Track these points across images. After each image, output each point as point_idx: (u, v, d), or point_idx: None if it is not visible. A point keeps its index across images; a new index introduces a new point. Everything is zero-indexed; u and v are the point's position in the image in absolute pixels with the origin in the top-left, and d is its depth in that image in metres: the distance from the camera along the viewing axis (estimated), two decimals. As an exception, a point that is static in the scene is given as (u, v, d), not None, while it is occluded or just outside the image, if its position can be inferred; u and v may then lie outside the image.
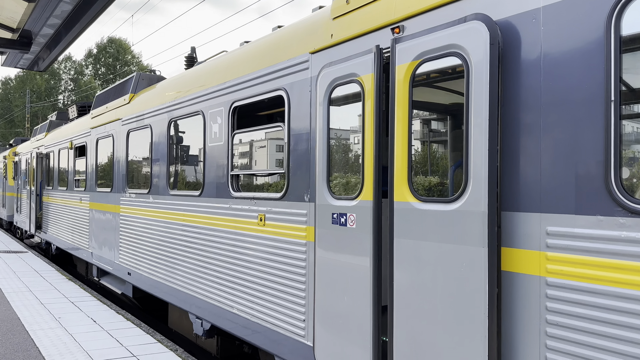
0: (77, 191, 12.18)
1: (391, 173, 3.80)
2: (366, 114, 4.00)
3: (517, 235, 3.05)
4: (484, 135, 3.15)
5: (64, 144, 13.59)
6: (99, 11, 5.85)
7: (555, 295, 2.85)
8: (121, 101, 9.68)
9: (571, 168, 2.81)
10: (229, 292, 5.91)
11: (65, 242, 13.17)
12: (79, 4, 6.11)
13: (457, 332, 3.31)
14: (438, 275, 3.43)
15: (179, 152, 7.62)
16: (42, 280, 11.39)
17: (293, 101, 5.02)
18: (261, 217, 5.43)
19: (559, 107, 2.88)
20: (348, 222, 4.13)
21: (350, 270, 4.08)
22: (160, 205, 7.73)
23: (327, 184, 4.39)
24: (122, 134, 9.36)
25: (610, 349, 2.62)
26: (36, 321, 7.92)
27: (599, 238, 2.67)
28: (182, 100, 7.14)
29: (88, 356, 6.32)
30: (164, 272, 7.50)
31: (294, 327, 4.88)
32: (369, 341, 3.88)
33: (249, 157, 6.61)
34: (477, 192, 3.19)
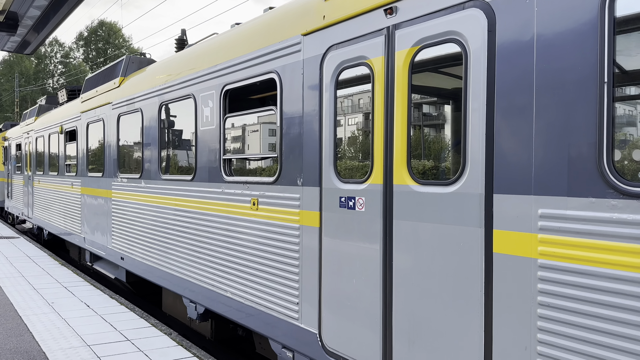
0: (68, 176, 12.09)
1: (390, 156, 3.82)
2: (376, 97, 3.98)
3: (510, 218, 3.06)
4: (481, 120, 3.20)
5: (54, 129, 13.44)
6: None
7: (546, 276, 2.88)
8: (111, 85, 9.57)
9: (564, 150, 2.81)
10: (222, 276, 5.92)
11: (58, 228, 13.11)
12: (66, -15, 6.00)
13: (453, 310, 3.37)
14: (436, 255, 3.48)
15: (171, 136, 7.56)
16: (35, 266, 11.35)
17: (285, 84, 4.97)
18: (254, 201, 5.42)
19: (552, 89, 2.88)
20: (357, 205, 4.13)
21: (358, 254, 4.09)
22: (152, 190, 7.69)
23: (334, 168, 4.38)
24: (113, 118, 9.27)
25: (600, 329, 2.65)
26: (29, 306, 7.91)
27: (591, 220, 2.69)
28: (173, 83, 7.06)
29: (82, 340, 6.33)
30: (157, 257, 7.49)
31: (287, 309, 4.90)
32: (378, 324, 3.92)
33: (242, 141, 6.57)
34: (474, 175, 3.24)
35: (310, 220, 4.65)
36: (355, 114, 4.37)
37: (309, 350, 4.63)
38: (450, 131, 4.18)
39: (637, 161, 2.71)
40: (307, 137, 4.68)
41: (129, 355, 5.85)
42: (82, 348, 6.06)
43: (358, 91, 4.30)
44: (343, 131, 4.45)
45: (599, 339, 2.66)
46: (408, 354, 3.69)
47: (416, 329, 3.63)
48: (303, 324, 4.71)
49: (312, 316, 4.60)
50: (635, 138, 2.82)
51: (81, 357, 5.77)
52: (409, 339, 3.68)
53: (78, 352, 5.93)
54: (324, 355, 4.44)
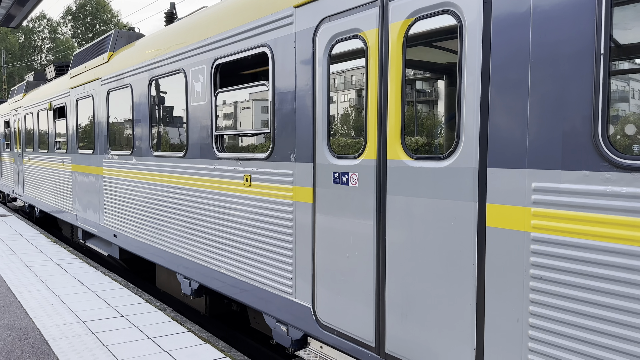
0: (58, 153, 11.96)
1: (384, 131, 3.80)
2: (369, 70, 3.93)
3: (503, 192, 3.06)
4: (476, 94, 3.17)
5: (42, 105, 13.24)
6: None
7: (539, 250, 2.89)
8: (100, 60, 9.39)
9: (559, 124, 2.80)
10: (216, 252, 5.93)
11: (49, 205, 13.03)
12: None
13: (446, 283, 3.40)
14: (429, 230, 3.49)
15: (161, 112, 7.46)
16: (27, 243, 11.31)
17: (277, 58, 4.90)
18: (247, 177, 5.39)
19: (548, 62, 2.85)
20: (350, 181, 4.12)
21: (352, 229, 4.10)
22: (143, 167, 7.63)
23: (327, 143, 4.35)
24: (102, 94, 9.13)
25: (592, 301, 2.68)
26: (22, 283, 7.91)
27: (584, 193, 2.69)
28: (163, 58, 6.94)
29: (76, 317, 6.35)
30: (151, 234, 7.48)
31: (281, 285, 4.93)
32: (371, 297, 3.94)
33: (234, 117, 6.50)
34: (469, 149, 3.23)
35: (303, 196, 4.64)
36: (348, 89, 4.32)
37: (303, 324, 4.67)
38: (444, 106, 4.16)
39: (631, 134, 2.70)
40: (300, 112, 4.63)
41: (123, 331, 5.88)
42: (76, 324, 6.08)
43: (351, 65, 4.24)
44: (336, 106, 4.41)
45: (591, 310, 2.69)
46: (401, 326, 3.73)
47: (409, 303, 3.66)
48: (297, 298, 4.74)
49: (306, 291, 4.63)
50: (630, 111, 2.81)
51: (75, 333, 5.79)
52: (402, 312, 3.71)
53: (72, 328, 5.95)
54: (318, 328, 4.48)
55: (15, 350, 5.24)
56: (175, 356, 5.18)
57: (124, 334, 5.80)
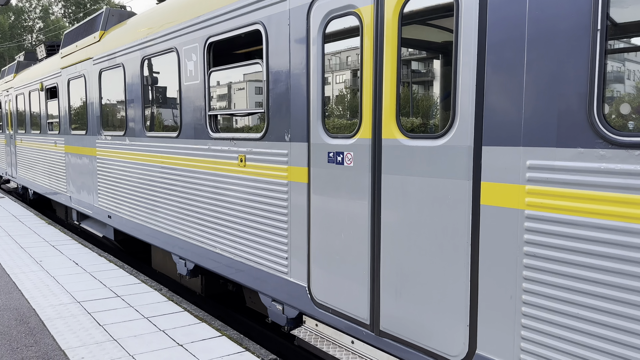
0: (51, 134, 11.85)
1: (379, 110, 3.77)
2: (364, 49, 3.88)
3: (498, 170, 3.06)
4: (471, 72, 3.15)
5: (34, 86, 13.08)
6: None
7: (533, 227, 2.90)
8: (91, 39, 9.25)
9: (554, 101, 2.78)
10: (211, 233, 5.93)
11: (43, 187, 12.96)
12: None
13: (440, 261, 3.42)
14: (424, 208, 3.50)
15: (154, 91, 7.38)
16: (21, 225, 11.28)
17: (271, 36, 4.83)
18: (241, 157, 5.36)
19: (544, 39, 2.82)
20: (345, 160, 4.11)
21: (347, 209, 4.10)
22: (137, 148, 7.58)
23: (322, 123, 4.32)
24: (94, 74, 9.01)
25: (586, 277, 2.70)
26: (17, 265, 7.90)
27: (579, 170, 2.69)
28: (155, 36, 6.84)
29: (71, 297, 6.37)
30: (145, 215, 7.46)
31: (277, 264, 4.94)
32: (366, 276, 3.96)
33: (228, 97, 6.44)
34: (464, 128, 3.22)
35: (298, 176, 4.63)
36: (343, 67, 4.28)
37: (298, 303, 4.70)
38: (440, 85, 4.12)
39: (626, 113, 2.69)
40: (295, 91, 4.59)
41: (119, 311, 5.90)
42: (72, 304, 6.09)
43: (346, 43, 4.19)
44: (331, 85, 4.37)
45: (584, 287, 2.71)
46: (395, 304, 3.75)
47: (404, 281, 3.68)
48: (292, 277, 4.76)
49: (301, 270, 4.65)
50: (625, 90, 2.79)
51: (71, 313, 5.81)
52: (397, 290, 3.74)
53: (68, 308, 5.96)
54: (313, 307, 4.51)
55: (11, 331, 5.26)
56: (172, 335, 5.22)
57: (119, 313, 5.82)
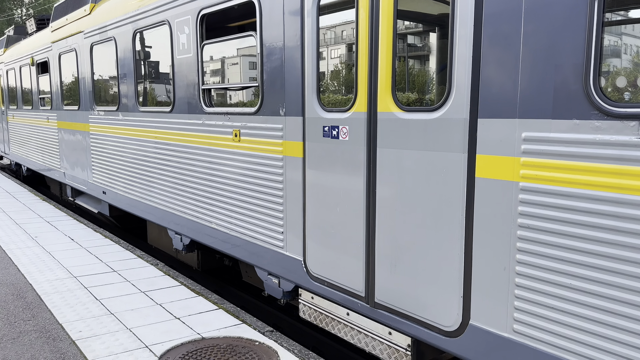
0: (43, 110, 11.73)
1: (375, 83, 3.74)
2: (360, 21, 3.82)
3: (493, 142, 3.05)
4: (468, 44, 3.12)
5: (24, 61, 12.87)
6: None
7: (527, 199, 2.92)
8: (82, 12, 9.07)
9: (550, 72, 2.76)
10: (207, 208, 5.93)
11: (36, 163, 12.88)
12: None
13: (434, 234, 3.44)
14: (419, 182, 3.50)
15: (147, 65, 7.28)
16: (15, 201, 11.25)
17: (265, 8, 4.75)
18: (236, 132, 5.33)
19: (541, 10, 2.78)
20: (340, 134, 4.09)
21: (342, 183, 4.09)
22: (130, 123, 7.51)
23: (317, 97, 4.28)
24: (86, 48, 8.87)
25: (579, 248, 2.72)
26: (12, 241, 7.91)
27: (574, 142, 2.69)
28: (147, 9, 6.71)
29: (68, 272, 6.39)
30: (140, 190, 7.45)
31: (273, 239, 4.96)
32: (361, 249, 3.98)
33: (222, 71, 6.36)
34: (459, 100, 3.20)
35: (293, 151, 4.61)
36: (339, 40, 4.22)
37: (294, 277, 4.74)
38: (436, 57, 4.08)
39: (622, 85, 2.68)
40: (289, 64, 4.54)
41: (116, 286, 5.94)
42: (68, 279, 6.12)
43: (342, 16, 4.12)
44: (326, 57, 4.32)
45: (578, 258, 2.74)
46: (390, 276, 3.79)
47: (398, 253, 3.71)
48: (288, 251, 4.78)
49: (296, 244, 4.67)
50: (622, 62, 2.77)
51: (68, 288, 5.84)
52: (391, 263, 3.77)
53: (65, 283, 5.99)
54: (309, 280, 4.55)
55: (8, 305, 5.29)
56: (169, 309, 5.27)
57: (116, 288, 5.86)
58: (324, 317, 4.55)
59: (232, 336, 4.66)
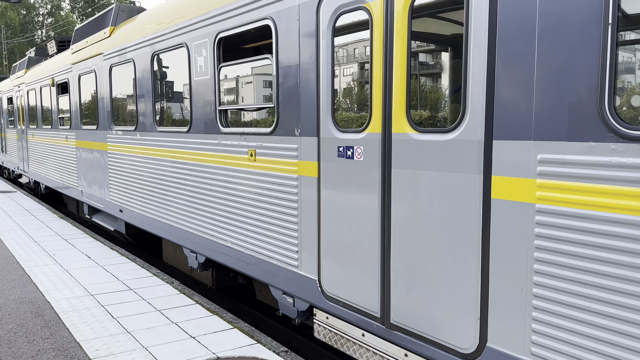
0: (62, 129, 11.97)
1: (389, 105, 3.79)
2: (374, 43, 3.89)
3: (509, 164, 3.07)
4: (482, 66, 3.15)
5: (45, 81, 13.19)
6: None
7: (544, 221, 2.91)
8: (101, 35, 9.31)
9: (565, 95, 2.78)
10: (222, 227, 5.98)
11: (54, 181, 13.10)
12: None
13: (451, 255, 3.44)
14: (434, 202, 3.52)
15: (165, 86, 7.43)
16: (34, 219, 11.43)
17: (281, 31, 4.85)
18: (251, 152, 5.40)
19: (555, 32, 2.81)
20: (355, 155, 4.13)
21: (357, 202, 4.12)
22: (148, 142, 7.64)
23: (332, 118, 4.34)
24: (105, 69, 9.08)
25: (596, 271, 2.71)
26: (31, 258, 8.02)
27: (590, 164, 2.70)
28: (165, 32, 6.88)
29: (85, 290, 6.46)
30: (156, 208, 7.54)
31: (287, 258, 4.99)
32: (376, 269, 3.99)
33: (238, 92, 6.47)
34: (474, 122, 3.23)
35: (308, 171, 4.66)
36: (353, 62, 4.29)
37: (309, 296, 4.75)
38: (450, 78, 4.12)
39: (637, 105, 2.69)
40: (304, 86, 4.61)
41: (132, 304, 5.98)
42: (85, 297, 6.19)
43: (356, 37, 4.20)
44: (341, 79, 4.38)
45: (595, 280, 2.72)
46: (406, 297, 3.78)
47: (414, 274, 3.71)
48: (303, 271, 4.80)
49: (311, 263, 4.68)
50: (636, 82, 2.78)
51: (85, 306, 5.90)
52: (407, 283, 3.77)
53: (82, 301, 6.06)
54: (324, 300, 4.56)
55: (27, 323, 5.36)
56: (184, 328, 5.29)
57: (132, 306, 5.91)
58: (338, 338, 4.53)
59: (247, 356, 4.66)
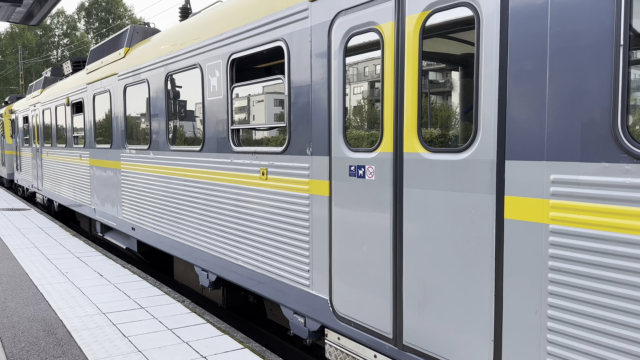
0: (76, 148, 12.14)
1: (401, 124, 3.81)
2: (386, 64, 3.94)
3: (521, 184, 3.06)
4: (493, 86, 3.17)
5: (60, 101, 13.43)
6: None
7: (558, 242, 2.89)
8: (116, 55, 9.49)
9: (577, 115, 2.79)
10: (233, 245, 6.00)
11: (67, 199, 13.24)
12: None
13: (464, 275, 3.42)
14: (446, 222, 3.51)
15: (178, 106, 7.54)
16: (47, 237, 11.53)
17: (293, 52, 4.92)
18: (263, 171, 5.43)
19: (566, 53, 2.83)
20: (367, 174, 4.15)
21: (369, 222, 4.12)
22: (161, 161, 7.73)
23: (343, 137, 4.38)
24: (119, 89, 9.24)
25: (611, 292, 2.68)
26: (44, 276, 8.08)
27: (604, 185, 2.68)
28: (179, 53, 7.00)
29: (97, 308, 6.48)
30: (168, 227, 7.58)
31: (298, 277, 4.98)
32: (388, 289, 3.97)
33: (250, 111, 6.55)
34: (486, 142, 3.23)
35: (320, 190, 4.67)
36: (364, 82, 4.33)
37: (320, 316, 4.72)
38: (461, 98, 4.15)
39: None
40: (316, 105, 4.66)
41: (143, 323, 5.99)
42: (97, 316, 6.21)
43: (367, 58, 4.25)
44: (352, 99, 4.42)
45: (610, 302, 2.69)
46: (418, 318, 3.75)
47: (427, 295, 3.68)
48: (314, 290, 4.79)
49: (322, 283, 4.67)
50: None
51: (97, 324, 5.91)
52: (419, 304, 3.74)
53: (94, 319, 6.08)
54: (335, 320, 4.53)
55: (39, 341, 5.38)
56: (195, 347, 5.28)
57: (144, 325, 5.91)
58: (350, 359, 4.49)
59: (258, 376, 4.62)
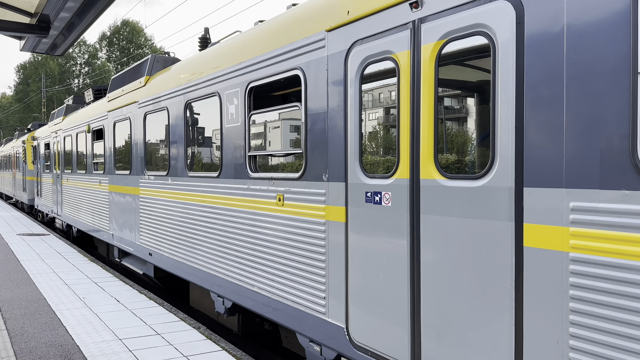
0: (96, 174, 12.35)
1: (417, 151, 3.83)
2: (402, 91, 3.99)
3: (540, 211, 3.04)
4: (510, 112, 3.18)
5: (81, 128, 13.74)
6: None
7: (579, 270, 2.85)
8: (137, 84, 9.73)
9: (595, 142, 2.78)
10: (249, 271, 6.00)
11: (86, 225, 13.41)
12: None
13: (483, 304, 3.37)
14: (464, 250, 3.48)
15: (196, 133, 7.66)
16: (65, 262, 11.65)
17: (310, 81, 5.00)
18: (280, 197, 5.47)
19: (583, 80, 2.84)
20: (383, 200, 4.15)
21: (385, 249, 4.11)
22: (179, 187, 7.82)
23: (359, 163, 4.40)
24: (139, 117, 9.43)
25: (634, 322, 2.62)
26: (62, 301, 8.14)
27: (624, 212, 2.65)
28: (198, 81, 7.16)
29: (113, 334, 6.49)
30: (185, 252, 7.62)
31: (314, 304, 4.95)
32: (406, 318, 3.93)
33: (266, 137, 6.63)
34: (504, 168, 3.23)
35: (336, 216, 4.68)
36: (380, 108, 4.37)
37: (336, 344, 4.67)
38: (478, 124, 4.16)
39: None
40: (332, 132, 4.71)
41: (159, 349, 5.97)
42: (114, 342, 6.21)
43: (383, 85, 4.30)
44: (368, 126, 4.46)
45: (633, 332, 2.62)
46: (437, 348, 3.69)
47: (445, 324, 3.63)
48: (330, 318, 4.75)
49: (339, 310, 4.64)
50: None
51: (113, 350, 5.92)
52: (438, 334, 3.69)
53: (110, 345, 6.08)
54: (352, 349, 4.47)
55: (56, 367, 5.39)
56: (210, 374, 5.23)
57: (160, 351, 5.90)
58: (368, 388, 4.42)
59: (274, 405, 4.56)
